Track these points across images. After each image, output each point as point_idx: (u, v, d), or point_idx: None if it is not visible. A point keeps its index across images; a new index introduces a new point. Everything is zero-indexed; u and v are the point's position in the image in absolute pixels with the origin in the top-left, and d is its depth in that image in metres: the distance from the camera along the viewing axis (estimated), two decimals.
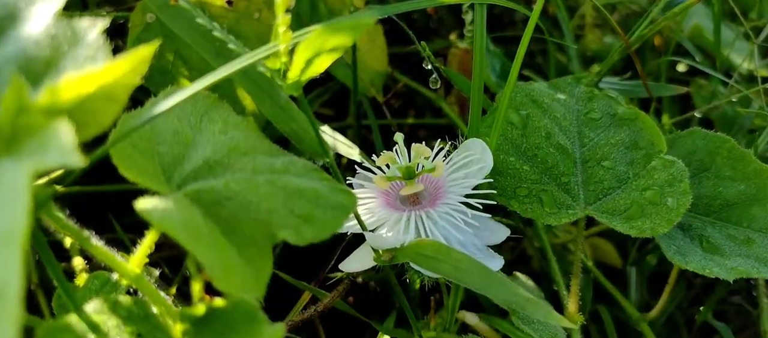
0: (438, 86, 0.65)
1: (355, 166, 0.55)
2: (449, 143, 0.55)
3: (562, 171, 0.56)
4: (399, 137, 0.51)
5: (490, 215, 0.51)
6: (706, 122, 0.92)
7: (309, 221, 0.36)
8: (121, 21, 0.69)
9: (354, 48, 0.71)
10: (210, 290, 0.37)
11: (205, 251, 0.32)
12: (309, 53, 0.36)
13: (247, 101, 0.71)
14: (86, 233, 0.35)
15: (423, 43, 0.64)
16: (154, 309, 0.35)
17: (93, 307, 0.35)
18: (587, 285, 0.69)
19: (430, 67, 0.64)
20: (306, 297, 0.59)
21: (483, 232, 0.52)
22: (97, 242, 0.35)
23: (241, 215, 0.35)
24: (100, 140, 0.33)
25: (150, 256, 0.37)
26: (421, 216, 0.49)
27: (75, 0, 0.75)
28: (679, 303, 0.75)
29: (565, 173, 0.56)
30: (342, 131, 0.71)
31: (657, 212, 0.54)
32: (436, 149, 0.53)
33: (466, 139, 0.53)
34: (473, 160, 0.52)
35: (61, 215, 0.34)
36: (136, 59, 0.31)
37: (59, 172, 0.34)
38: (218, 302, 0.35)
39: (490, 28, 1.03)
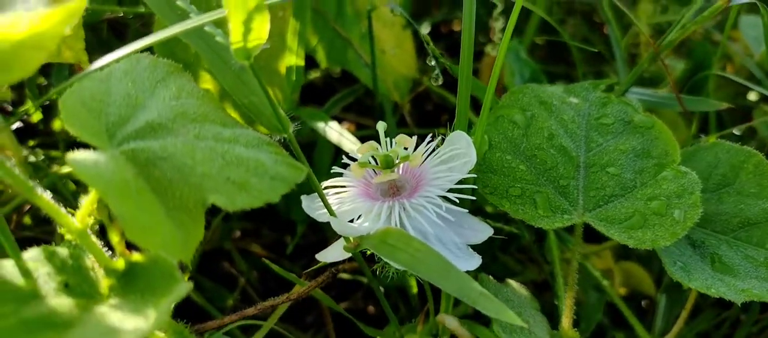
0: (440, 81, 0.64)
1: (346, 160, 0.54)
2: (440, 137, 0.53)
3: (561, 174, 0.53)
4: (381, 126, 0.50)
5: (466, 211, 0.49)
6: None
7: (244, 188, 0.36)
8: None
9: (372, 50, 0.70)
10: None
11: (125, 207, 0.32)
12: (241, 15, 0.36)
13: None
14: (31, 184, 0.36)
15: (426, 35, 0.63)
16: (88, 262, 0.36)
17: (30, 255, 0.36)
18: (597, 306, 0.65)
19: (433, 62, 0.62)
20: (297, 289, 0.59)
21: (465, 230, 0.50)
22: (42, 194, 0.36)
23: (175, 177, 0.35)
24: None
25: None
26: (397, 208, 0.48)
27: None
28: (707, 331, 0.69)
29: (565, 176, 0.53)
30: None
31: (661, 223, 0.50)
32: (426, 142, 0.52)
33: (455, 131, 0.51)
34: (458, 154, 0.50)
35: (7, 165, 0.35)
36: (67, 12, 0.32)
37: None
38: (136, 257, 0.35)
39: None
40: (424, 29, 1.03)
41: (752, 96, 1.02)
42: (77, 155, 0.33)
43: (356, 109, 0.86)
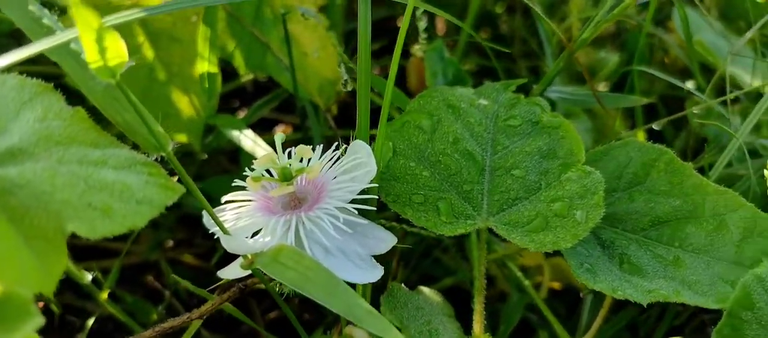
0: (349, 88, 0.63)
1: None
2: (344, 146, 0.52)
3: (465, 179, 0.53)
4: (278, 137, 0.49)
5: (366, 222, 0.48)
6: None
7: (107, 214, 0.35)
8: None
9: (290, 53, 0.69)
10: None
11: None
12: (90, 35, 0.34)
13: (182, 104, 0.71)
14: None
15: (333, 38, 0.62)
16: None
17: None
18: (518, 306, 0.65)
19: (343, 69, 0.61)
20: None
21: (369, 240, 0.50)
22: None
23: (33, 205, 0.34)
24: None
25: None
26: (294, 221, 0.47)
27: None
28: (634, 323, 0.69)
29: (469, 181, 0.53)
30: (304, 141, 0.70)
31: (563, 225, 0.50)
32: (331, 151, 0.51)
33: (355, 140, 0.50)
34: (360, 164, 0.49)
35: None
36: None
37: None
38: None
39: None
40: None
41: (690, 84, 1.03)
42: None
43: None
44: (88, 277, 0.64)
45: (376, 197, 0.49)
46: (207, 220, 0.51)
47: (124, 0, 0.67)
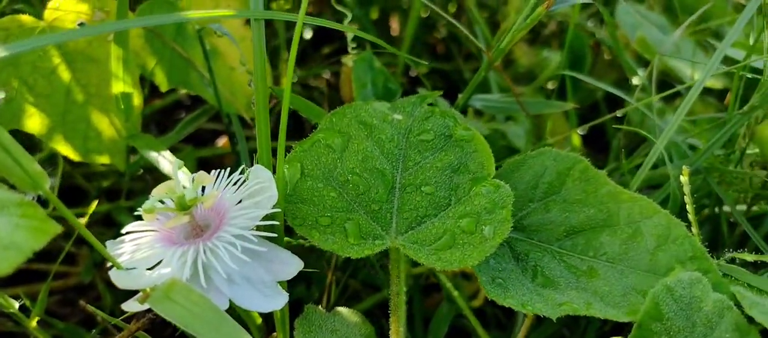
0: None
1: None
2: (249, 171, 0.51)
3: (373, 198, 0.52)
4: (176, 163, 0.48)
5: (268, 248, 0.47)
6: None
7: None
8: None
9: (210, 69, 0.68)
10: None
11: None
12: None
13: (103, 125, 0.69)
14: None
15: (243, 58, 0.61)
16: None
17: None
18: (446, 318, 0.64)
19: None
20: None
21: (275, 265, 0.49)
22: None
23: None
24: None
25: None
26: (191, 252, 0.46)
27: None
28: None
29: (377, 200, 0.52)
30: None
31: (470, 242, 0.49)
32: (235, 177, 0.50)
33: (255, 165, 0.49)
34: (263, 188, 0.48)
35: None
36: None
37: None
38: None
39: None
40: (308, 35, 1.01)
41: (636, 80, 1.03)
42: None
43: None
44: (16, 305, 0.62)
45: (277, 222, 0.48)
46: (110, 249, 0.50)
47: (38, 23, 0.65)
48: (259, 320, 0.63)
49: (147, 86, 0.82)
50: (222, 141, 0.95)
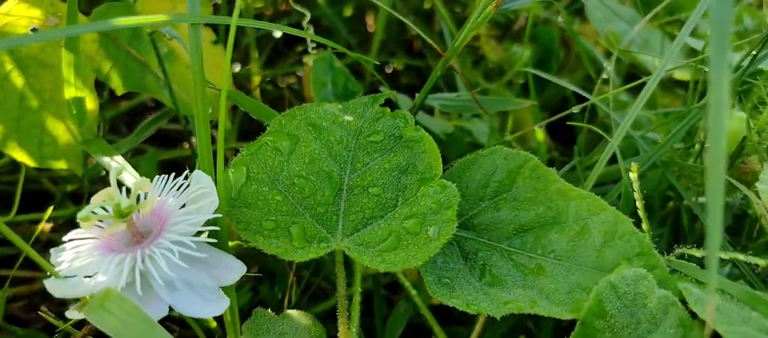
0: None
1: None
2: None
3: (319, 201, 0.52)
4: (114, 171, 0.48)
5: (208, 254, 0.47)
6: None
7: None
8: None
9: (164, 71, 0.67)
10: None
11: None
12: None
13: (58, 130, 0.69)
14: None
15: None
16: None
17: None
18: (403, 317, 0.64)
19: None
20: None
21: (218, 270, 0.49)
22: None
23: None
24: None
25: None
26: (129, 260, 0.45)
27: None
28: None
29: (323, 202, 0.52)
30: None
31: (415, 243, 0.49)
32: (179, 182, 0.50)
33: (195, 170, 0.49)
34: (204, 194, 0.48)
35: None
36: None
37: None
38: None
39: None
40: (278, 33, 1.00)
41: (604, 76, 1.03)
42: None
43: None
44: None
45: (218, 228, 0.47)
46: (53, 258, 0.50)
47: None
48: (214, 324, 0.63)
49: (107, 90, 0.81)
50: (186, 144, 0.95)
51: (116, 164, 0.63)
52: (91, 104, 0.67)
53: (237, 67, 0.97)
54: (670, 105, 1.00)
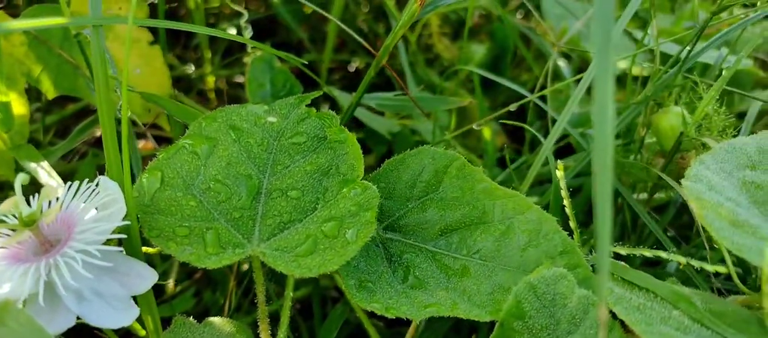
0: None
1: None
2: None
3: (235, 205, 0.51)
4: (19, 178, 0.46)
5: (113, 263, 0.46)
6: None
7: None
8: None
9: (92, 73, 0.66)
10: None
11: None
12: None
13: None
14: None
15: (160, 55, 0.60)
16: None
17: None
18: (337, 322, 0.64)
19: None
20: None
21: (130, 279, 0.47)
22: None
23: None
24: None
25: None
26: (32, 270, 0.44)
27: None
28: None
29: (239, 207, 0.51)
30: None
31: (331, 247, 0.48)
32: (85, 188, 0.48)
33: (102, 176, 0.48)
34: (112, 201, 0.47)
35: None
36: None
37: None
38: None
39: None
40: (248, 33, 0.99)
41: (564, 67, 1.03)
42: None
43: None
44: None
45: (125, 236, 0.46)
46: None
47: None
48: (143, 332, 0.61)
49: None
50: (139, 144, 0.94)
51: (42, 170, 0.61)
52: (20, 108, 0.66)
53: (191, 68, 0.95)
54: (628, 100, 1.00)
